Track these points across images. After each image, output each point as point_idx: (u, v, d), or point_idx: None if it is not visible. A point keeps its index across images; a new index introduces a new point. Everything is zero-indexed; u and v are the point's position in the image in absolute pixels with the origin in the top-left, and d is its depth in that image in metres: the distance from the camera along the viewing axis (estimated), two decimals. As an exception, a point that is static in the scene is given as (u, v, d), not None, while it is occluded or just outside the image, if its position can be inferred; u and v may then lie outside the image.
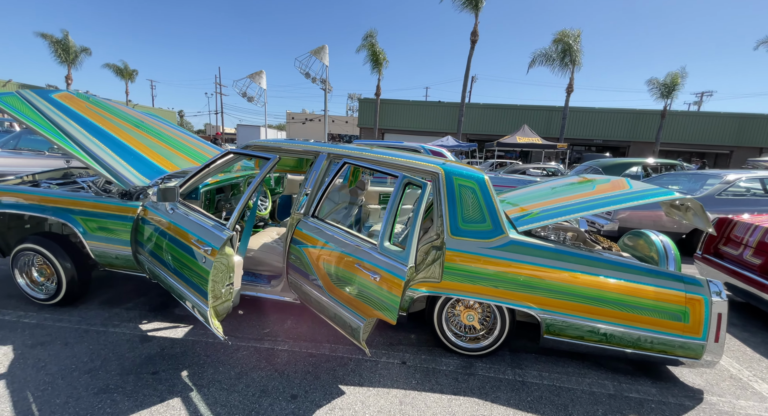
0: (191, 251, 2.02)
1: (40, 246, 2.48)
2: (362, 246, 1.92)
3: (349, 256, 1.94)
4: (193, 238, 2.02)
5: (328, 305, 2.05)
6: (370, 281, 1.80)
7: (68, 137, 2.52)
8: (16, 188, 2.52)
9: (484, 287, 2.10)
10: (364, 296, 1.85)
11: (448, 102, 27.26)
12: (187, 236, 2.07)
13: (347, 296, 1.93)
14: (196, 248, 1.98)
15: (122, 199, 2.46)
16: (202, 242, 1.95)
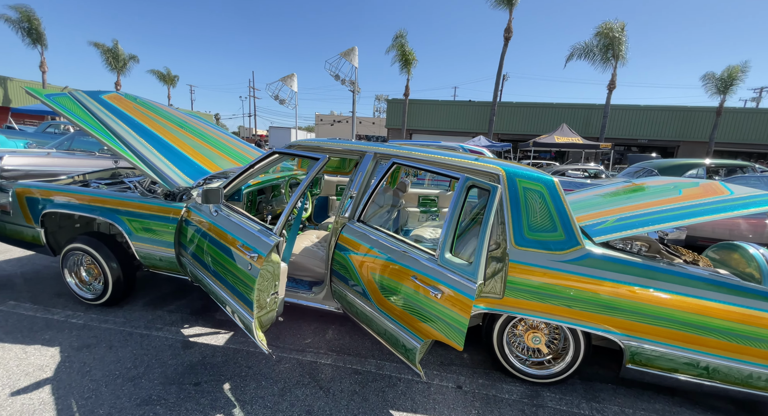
0: (236, 256, 1.91)
1: (88, 246, 2.48)
2: (418, 256, 1.72)
3: (403, 267, 1.75)
4: (238, 242, 1.91)
5: (377, 320, 1.87)
6: (430, 298, 1.59)
7: (116, 137, 2.51)
8: (67, 188, 2.55)
9: (555, 307, 1.83)
10: (421, 314, 1.64)
11: (479, 101, 26.55)
12: (231, 241, 1.96)
13: (400, 311, 1.74)
14: (242, 254, 1.86)
15: (166, 200, 2.42)
16: (248, 248, 1.83)
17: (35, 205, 2.54)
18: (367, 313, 1.93)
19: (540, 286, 1.84)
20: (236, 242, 1.92)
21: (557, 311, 1.83)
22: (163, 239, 2.38)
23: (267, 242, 1.78)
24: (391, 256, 1.82)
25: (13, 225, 2.62)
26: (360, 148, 2.31)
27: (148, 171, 2.37)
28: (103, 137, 2.46)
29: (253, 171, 2.30)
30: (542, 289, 1.84)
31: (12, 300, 2.58)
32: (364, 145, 2.34)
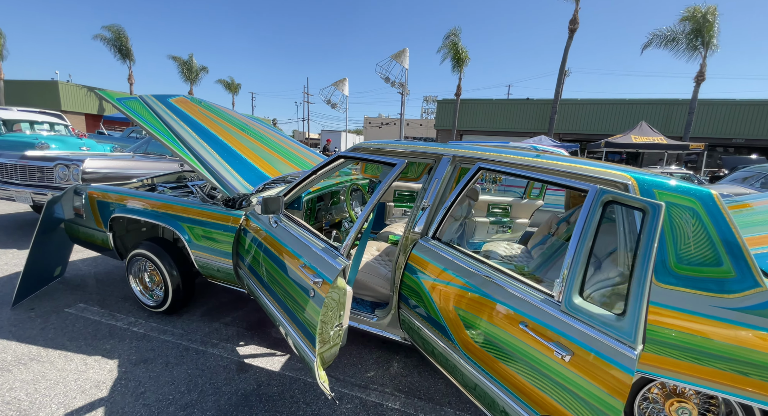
0: (297, 277, 1.65)
1: (151, 253, 2.42)
2: (528, 296, 1.30)
3: (505, 308, 1.34)
4: (299, 262, 1.65)
5: (463, 368, 1.48)
6: (554, 360, 1.17)
7: (180, 140, 2.43)
8: (132, 193, 2.52)
9: (719, 372, 1.30)
10: (536, 378, 1.22)
11: (538, 99, 24.85)
12: (292, 259, 1.71)
13: (502, 367, 1.33)
14: (303, 276, 1.59)
15: (225, 207, 2.27)
16: (312, 270, 1.56)
17: (105, 209, 2.56)
18: (448, 357, 1.55)
19: (697, 341, 1.32)
20: (297, 260, 1.66)
21: (723, 378, 1.30)
22: (221, 249, 2.23)
23: (334, 266, 1.48)
24: (485, 290, 1.42)
25: (86, 228, 2.66)
26: (435, 150, 1.95)
27: (209, 176, 2.24)
28: (167, 140, 2.38)
29: (315, 177, 2.05)
30: (701, 346, 1.32)
31: (82, 303, 2.61)
32: (439, 147, 1.97)
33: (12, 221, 4.63)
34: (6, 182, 4.07)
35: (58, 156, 4.05)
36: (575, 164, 1.58)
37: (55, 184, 3.95)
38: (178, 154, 2.32)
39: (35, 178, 3.99)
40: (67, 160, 3.92)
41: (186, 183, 3.32)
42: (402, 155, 1.97)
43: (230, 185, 2.24)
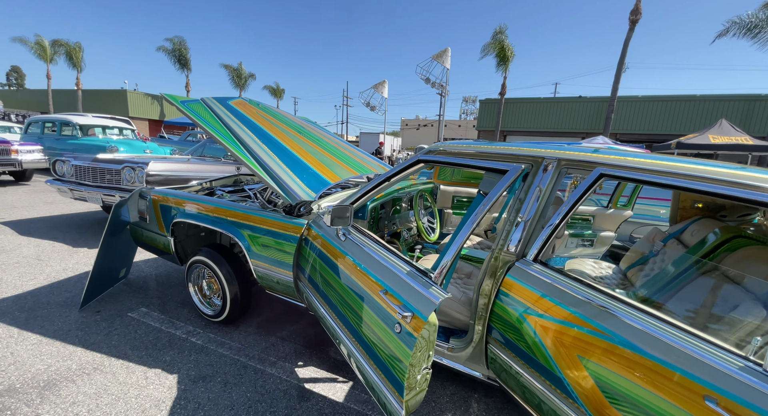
0: (376, 306, 1.41)
1: (209, 259, 2.33)
2: (714, 361, 0.93)
3: (674, 372, 0.98)
4: (378, 287, 1.41)
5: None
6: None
7: (240, 143, 2.32)
8: (192, 197, 2.45)
9: None
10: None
11: (592, 97, 23.15)
12: (368, 281, 1.48)
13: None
14: (386, 306, 1.34)
15: (285, 214, 2.11)
16: (397, 300, 1.30)
17: (167, 213, 2.52)
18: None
19: None
20: (376, 285, 1.42)
21: None
22: (281, 260, 2.07)
23: (428, 299, 1.22)
24: (651, 352, 1.03)
25: (149, 232, 2.65)
26: (535, 152, 1.61)
27: (270, 181, 2.09)
28: (228, 143, 2.28)
29: (388, 184, 1.81)
30: None
31: (144, 307, 2.60)
32: (540, 147, 1.64)
33: (84, 219, 4.93)
34: (79, 184, 4.32)
35: (125, 159, 4.23)
36: (736, 171, 1.17)
37: (123, 185, 4.11)
38: (239, 157, 2.20)
39: (105, 180, 4.19)
40: (133, 163, 4.07)
41: (243, 187, 3.26)
42: (489, 156, 1.66)
43: (292, 191, 2.07)
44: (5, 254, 3.40)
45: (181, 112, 2.44)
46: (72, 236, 4.10)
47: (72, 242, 3.89)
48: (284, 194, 2.04)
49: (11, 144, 6.50)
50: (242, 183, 3.50)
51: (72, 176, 4.39)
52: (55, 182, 4.45)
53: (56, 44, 24.90)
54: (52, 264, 3.25)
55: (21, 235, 4.01)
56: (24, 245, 3.70)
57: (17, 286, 2.78)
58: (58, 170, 4.50)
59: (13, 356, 1.95)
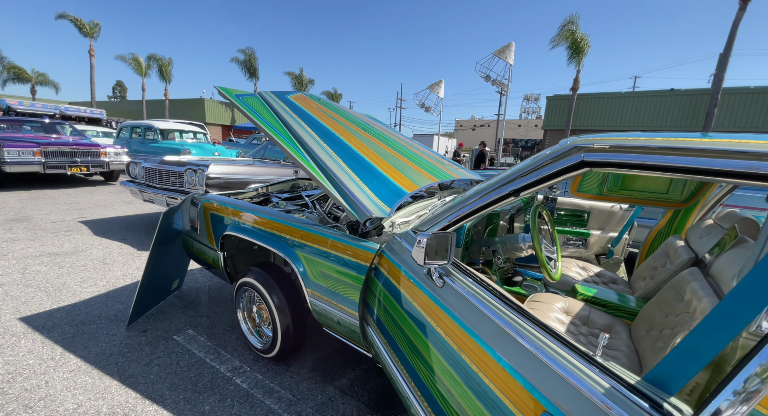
0: (506, 410, 0.82)
1: (258, 282, 1.93)
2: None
3: None
4: (511, 380, 0.82)
5: None
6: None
7: (299, 143, 1.88)
8: (244, 206, 2.08)
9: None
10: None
11: (688, 89, 19.92)
12: (492, 366, 0.89)
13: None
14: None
15: (349, 233, 1.61)
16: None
17: (218, 224, 2.18)
18: None
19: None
20: (507, 378, 0.83)
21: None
22: (344, 294, 1.57)
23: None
24: None
25: (199, 244, 2.36)
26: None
27: (332, 190, 1.61)
28: (284, 142, 1.85)
29: (515, 198, 1.20)
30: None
31: (191, 328, 2.30)
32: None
33: (153, 221, 5.04)
34: (148, 185, 4.37)
35: (188, 161, 4.16)
36: None
37: (185, 188, 4.04)
38: (295, 158, 1.76)
39: (169, 182, 4.16)
40: (194, 165, 3.97)
41: (300, 193, 2.87)
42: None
43: (359, 204, 1.56)
44: (76, 256, 3.43)
45: (235, 107, 2.09)
46: (139, 238, 4.13)
47: (137, 245, 3.89)
48: (349, 207, 1.54)
49: (101, 147, 7.08)
50: (299, 188, 3.13)
51: (143, 177, 4.47)
52: (128, 184, 4.57)
53: (151, 59, 28.25)
54: (114, 269, 3.19)
55: (95, 235, 4.13)
56: (95, 245, 3.76)
57: (76, 293, 2.68)
58: (131, 171, 4.63)
59: (47, 386, 1.71)
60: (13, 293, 2.62)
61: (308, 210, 2.28)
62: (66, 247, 3.66)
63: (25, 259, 3.27)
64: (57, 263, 3.22)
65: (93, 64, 26.74)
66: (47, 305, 2.49)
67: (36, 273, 2.99)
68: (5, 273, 2.95)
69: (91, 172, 7.11)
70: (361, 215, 1.51)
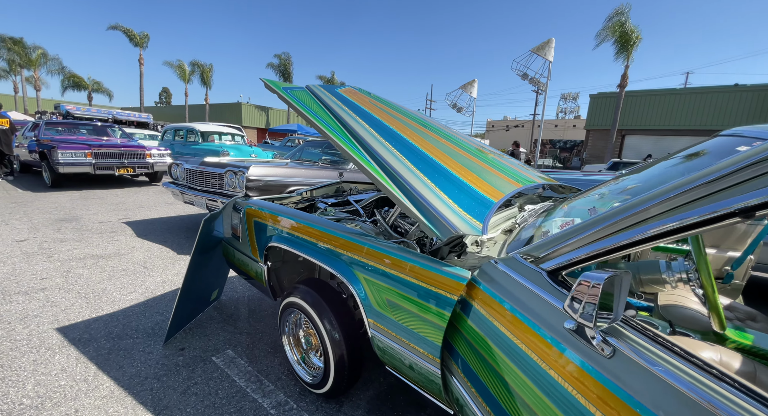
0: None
1: (306, 304, 1.64)
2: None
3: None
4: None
5: None
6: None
7: (357, 141, 1.58)
8: (291, 213, 1.81)
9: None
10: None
11: (755, 85, 17.99)
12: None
13: None
14: None
15: (424, 253, 1.28)
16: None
17: (262, 233, 1.93)
18: None
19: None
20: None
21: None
22: (419, 332, 1.23)
23: None
24: None
25: (241, 254, 2.12)
26: None
27: (407, 202, 1.28)
28: (339, 139, 1.56)
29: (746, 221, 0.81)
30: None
31: (230, 348, 2.07)
32: None
33: (194, 222, 5.00)
34: (189, 187, 4.29)
35: (228, 163, 4.03)
36: None
37: (225, 190, 3.90)
38: (355, 159, 1.45)
39: (209, 184, 4.05)
40: (235, 167, 3.82)
41: (347, 198, 2.58)
42: None
43: (444, 220, 1.22)
44: (118, 259, 3.37)
45: (282, 99, 1.83)
46: (179, 241, 4.05)
47: (177, 248, 3.79)
48: (428, 223, 1.20)
49: (146, 149, 7.28)
50: (344, 192, 2.85)
51: (184, 179, 4.41)
52: (169, 185, 4.54)
53: (193, 65, 29.71)
54: (154, 274, 3.07)
55: (138, 236, 4.10)
56: (137, 248, 3.70)
57: (115, 301, 2.55)
58: (173, 173, 4.59)
59: (76, 415, 1.51)
60: (54, 298, 2.53)
61: (360, 219, 1.98)
62: (109, 249, 3.63)
63: (70, 261, 3.24)
64: (99, 267, 3.15)
65: (142, 72, 28.52)
66: (86, 313, 2.36)
67: (78, 277, 2.92)
68: (49, 276, 2.90)
69: (137, 173, 7.33)
70: (444, 233, 1.17)
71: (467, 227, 1.20)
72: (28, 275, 2.90)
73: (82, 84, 30.88)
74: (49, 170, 6.52)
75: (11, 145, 7.28)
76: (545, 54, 21.10)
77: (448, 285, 1.14)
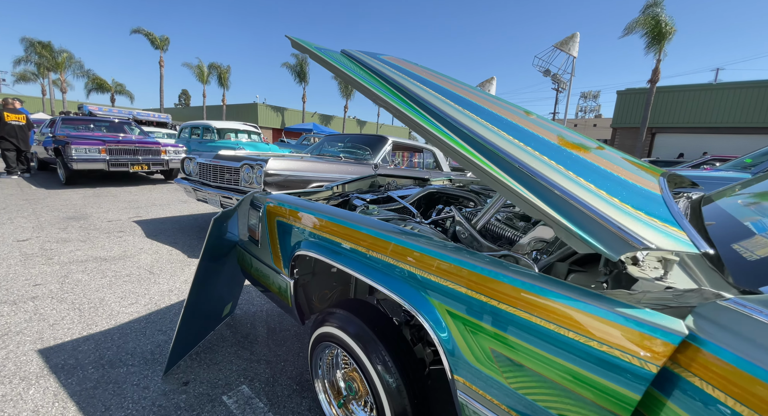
0: None
1: (347, 336, 1.18)
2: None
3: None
4: None
5: None
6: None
7: (425, 109, 1.10)
8: (331, 212, 1.34)
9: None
10: None
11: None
12: None
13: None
14: None
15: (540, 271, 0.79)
16: None
17: (287, 237, 1.48)
18: None
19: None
20: None
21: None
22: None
23: None
24: None
25: (259, 262, 1.67)
26: None
27: (531, 197, 0.80)
28: (403, 107, 1.09)
29: None
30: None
31: (246, 383, 1.62)
32: None
33: (206, 221, 4.64)
34: (202, 183, 3.92)
35: (244, 156, 3.64)
36: None
37: (241, 186, 3.50)
38: (435, 135, 0.98)
39: (224, 179, 3.66)
40: (251, 160, 3.42)
41: (386, 193, 2.11)
42: None
43: (622, 229, 0.70)
44: (123, 262, 3.00)
45: (315, 59, 1.38)
46: (190, 242, 3.67)
47: (188, 250, 3.41)
48: (584, 236, 0.71)
49: (161, 145, 7.02)
50: (381, 187, 2.38)
51: (197, 174, 4.04)
52: (182, 182, 4.18)
53: (211, 67, 30.03)
54: (160, 281, 2.67)
55: (147, 237, 3.74)
56: (145, 250, 3.34)
57: (113, 314, 2.16)
58: (186, 168, 4.24)
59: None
60: (43, 310, 2.16)
61: (413, 219, 1.49)
62: (115, 251, 3.27)
63: (70, 264, 2.89)
64: (101, 271, 2.79)
65: (162, 74, 28.97)
66: (77, 330, 1.97)
67: (76, 283, 2.55)
68: (44, 282, 2.54)
69: (152, 170, 7.09)
70: (617, 247, 0.67)
71: (669, 240, 0.69)
72: (21, 280, 2.55)
73: (105, 86, 31.67)
74: (64, 166, 6.33)
75: (28, 141, 7.15)
76: (569, 49, 20.25)
77: (640, 344, 0.64)
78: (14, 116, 6.89)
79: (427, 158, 5.63)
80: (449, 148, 0.95)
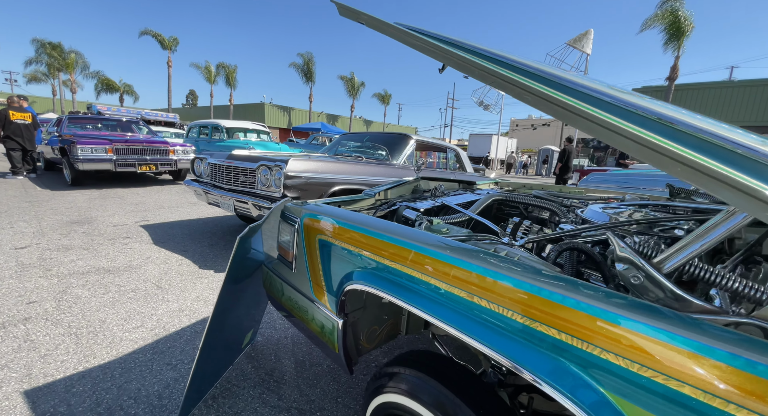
0: None
1: (419, 403, 0.84)
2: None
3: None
4: None
5: None
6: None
7: (573, 92, 0.76)
8: (390, 230, 1.00)
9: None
10: None
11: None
12: None
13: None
14: None
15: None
16: None
17: (334, 263, 1.13)
18: None
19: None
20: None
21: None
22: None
23: None
24: None
25: (292, 291, 1.34)
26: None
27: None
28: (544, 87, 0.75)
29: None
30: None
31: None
32: None
33: (218, 226, 4.34)
34: (214, 185, 3.61)
35: (261, 156, 3.32)
36: None
37: (257, 190, 3.18)
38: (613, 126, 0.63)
39: (238, 181, 3.34)
40: (269, 161, 3.09)
41: (440, 201, 1.76)
42: None
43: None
44: (128, 274, 2.70)
45: (357, 20, 1.05)
46: (201, 250, 3.37)
47: (199, 260, 3.11)
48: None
49: (170, 145, 6.76)
50: (426, 193, 2.04)
51: (208, 176, 3.74)
52: (192, 184, 3.88)
53: (219, 66, 29.97)
54: (169, 298, 2.36)
55: (154, 244, 3.45)
56: (152, 259, 3.04)
57: (114, 341, 1.84)
58: (196, 168, 3.93)
59: None
60: (35, 336, 1.85)
61: (499, 241, 1.13)
62: (120, 260, 2.97)
63: (69, 277, 2.59)
64: (103, 285, 2.48)
65: (170, 74, 28.96)
66: (71, 363, 1.66)
67: (75, 301, 2.25)
68: (39, 299, 2.24)
69: (160, 170, 6.83)
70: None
71: None
72: (14, 296, 2.26)
73: (114, 87, 31.79)
74: (69, 167, 6.09)
75: (34, 141, 6.93)
76: (582, 46, 19.72)
77: None
78: (20, 115, 6.67)
79: (450, 158, 5.27)
80: (602, 124, 0.61)
